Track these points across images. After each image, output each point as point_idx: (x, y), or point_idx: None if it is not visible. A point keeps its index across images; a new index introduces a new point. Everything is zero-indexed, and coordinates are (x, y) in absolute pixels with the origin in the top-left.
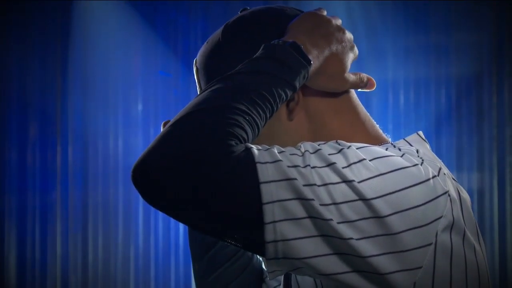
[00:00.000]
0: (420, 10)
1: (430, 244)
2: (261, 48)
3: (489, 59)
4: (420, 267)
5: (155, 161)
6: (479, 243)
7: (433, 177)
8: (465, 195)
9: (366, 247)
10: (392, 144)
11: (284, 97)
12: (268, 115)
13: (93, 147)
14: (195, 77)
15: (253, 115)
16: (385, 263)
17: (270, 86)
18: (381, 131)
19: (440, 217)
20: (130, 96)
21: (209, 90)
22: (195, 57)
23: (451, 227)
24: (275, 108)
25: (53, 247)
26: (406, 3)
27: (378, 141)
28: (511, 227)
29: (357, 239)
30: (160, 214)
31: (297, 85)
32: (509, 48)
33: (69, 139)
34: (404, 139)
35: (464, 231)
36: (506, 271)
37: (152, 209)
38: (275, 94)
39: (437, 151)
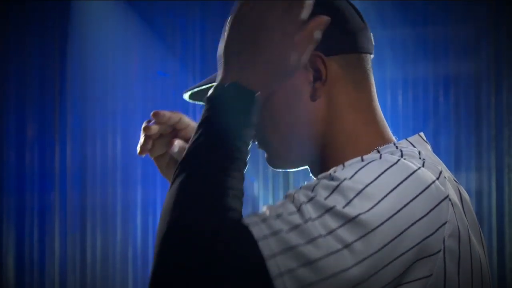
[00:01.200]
0: (419, 10)
1: (439, 251)
2: (206, 102)
3: (488, 59)
4: (430, 275)
5: (164, 277)
6: (482, 244)
7: (433, 182)
8: (466, 196)
9: (379, 280)
10: (395, 144)
11: (249, 140)
12: (243, 170)
13: (92, 147)
14: None
15: (235, 188)
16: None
17: (233, 143)
18: (390, 133)
19: (445, 223)
20: (128, 97)
21: (181, 185)
22: (193, 57)
23: (456, 231)
24: (247, 156)
25: (51, 248)
26: (404, 3)
27: (387, 142)
28: (509, 227)
29: (369, 277)
30: (158, 215)
31: (254, 119)
32: (507, 49)
33: (67, 139)
34: (406, 139)
35: (469, 234)
36: (505, 271)
37: (151, 209)
38: (242, 148)
39: (435, 151)
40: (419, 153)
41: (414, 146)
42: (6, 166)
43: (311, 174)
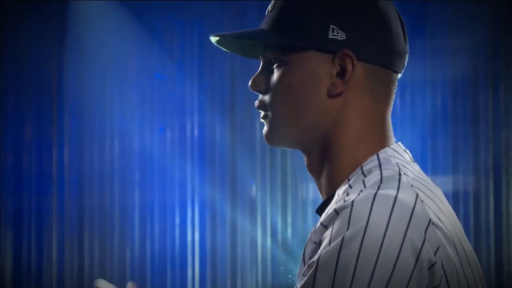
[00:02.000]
0: (416, 13)
1: (441, 277)
2: None
3: (485, 62)
4: None
5: None
6: (471, 250)
7: (415, 204)
8: (446, 210)
9: None
10: (378, 157)
11: None
12: None
13: (89, 149)
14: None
15: None
16: None
17: None
18: (390, 143)
19: (438, 248)
20: (126, 99)
21: None
22: (191, 59)
23: (447, 253)
24: None
25: (49, 250)
26: (402, 5)
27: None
28: (507, 229)
29: None
30: (156, 217)
31: None
32: (505, 51)
33: (65, 141)
34: (390, 147)
35: (456, 250)
36: (502, 273)
37: (148, 211)
38: None
39: (433, 154)
40: (399, 169)
41: (401, 156)
42: (4, 168)
43: (305, 167)
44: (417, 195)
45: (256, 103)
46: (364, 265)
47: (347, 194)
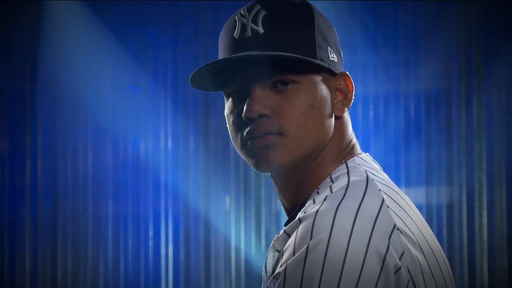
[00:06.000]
0: (389, 25)
1: (408, 281)
2: None
3: (458, 74)
4: None
5: None
6: (440, 252)
7: (379, 211)
8: (414, 214)
9: None
10: (347, 166)
11: None
12: None
13: (63, 162)
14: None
15: None
16: None
17: None
18: (358, 151)
19: (403, 253)
20: (100, 111)
21: None
22: (165, 71)
23: (413, 257)
24: None
25: (22, 262)
26: (375, 18)
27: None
28: (480, 241)
29: None
30: (130, 229)
31: None
32: (477, 63)
33: (38, 153)
34: (357, 155)
35: (423, 253)
36: (475, 286)
37: (122, 224)
38: None
39: (406, 166)
40: (367, 175)
41: (366, 162)
42: None
43: (278, 188)
44: (383, 200)
45: (257, 127)
46: (330, 273)
47: (314, 201)
